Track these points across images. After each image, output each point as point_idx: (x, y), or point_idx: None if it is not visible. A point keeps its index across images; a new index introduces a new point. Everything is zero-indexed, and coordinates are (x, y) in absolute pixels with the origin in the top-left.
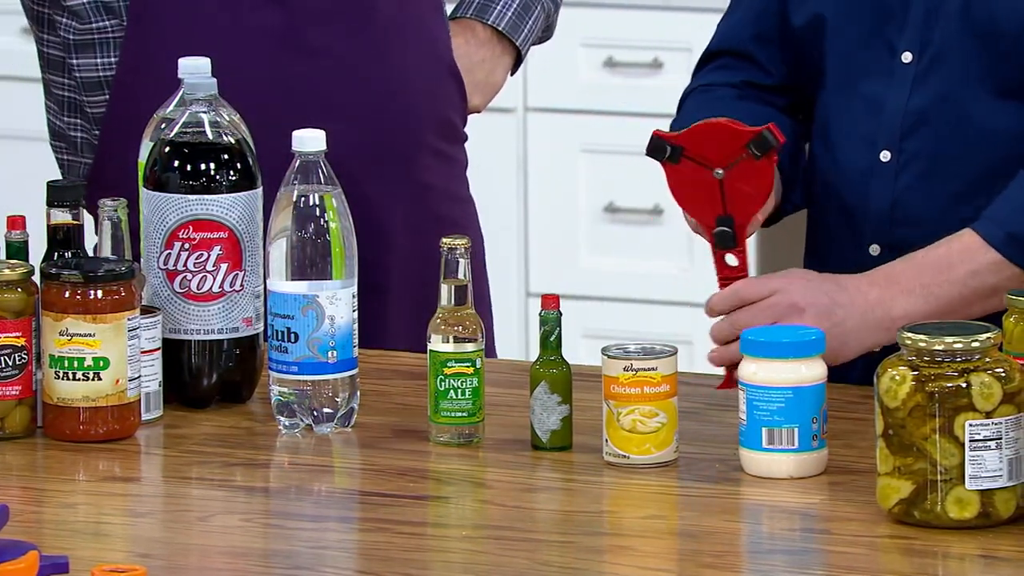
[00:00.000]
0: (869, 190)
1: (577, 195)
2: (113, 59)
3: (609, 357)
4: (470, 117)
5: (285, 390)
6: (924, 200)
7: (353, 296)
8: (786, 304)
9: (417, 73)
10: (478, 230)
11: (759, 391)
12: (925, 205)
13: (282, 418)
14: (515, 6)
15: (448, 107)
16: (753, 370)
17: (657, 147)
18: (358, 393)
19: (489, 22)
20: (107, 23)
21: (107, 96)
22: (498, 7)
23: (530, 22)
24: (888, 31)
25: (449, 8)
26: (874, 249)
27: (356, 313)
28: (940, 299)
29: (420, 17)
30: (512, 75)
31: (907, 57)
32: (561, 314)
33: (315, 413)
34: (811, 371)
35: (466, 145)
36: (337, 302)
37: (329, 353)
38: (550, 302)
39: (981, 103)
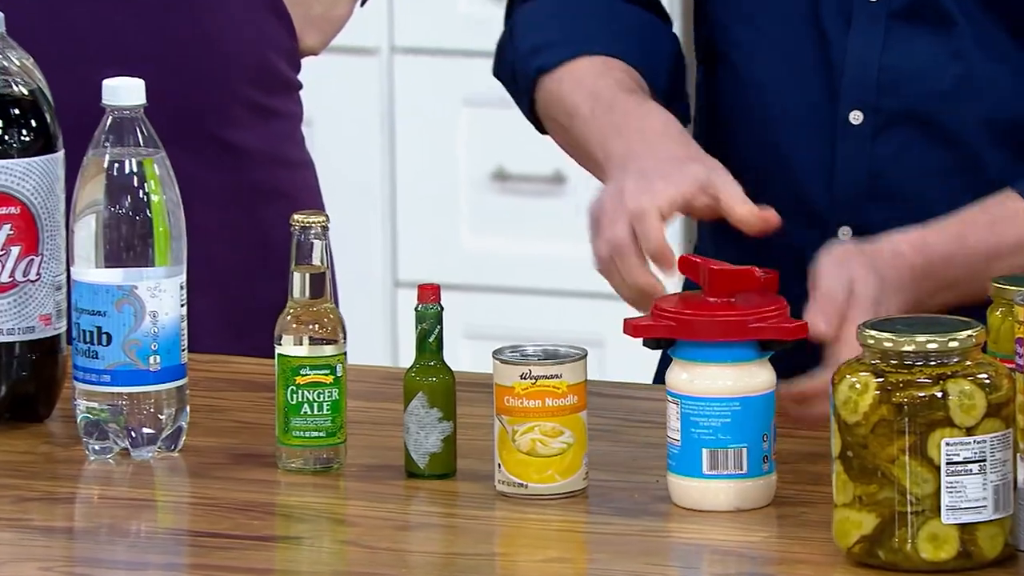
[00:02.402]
0: (835, 157)
1: (457, 158)
2: None
3: (502, 362)
4: (310, 61)
5: (95, 405)
6: (908, 171)
7: (181, 287)
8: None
9: (224, 7)
10: (318, 201)
11: (698, 404)
12: (909, 177)
13: (91, 441)
14: None
15: (267, 48)
16: (686, 377)
17: (658, 344)
18: (187, 409)
19: None
20: None
21: None
22: None
23: None
24: None
25: None
26: (845, 232)
27: (185, 308)
28: (973, 294)
29: None
30: (362, 6)
31: None
32: (442, 309)
33: (133, 434)
34: (759, 376)
35: (302, 95)
36: (161, 294)
37: (151, 359)
38: (428, 294)
39: (983, 53)
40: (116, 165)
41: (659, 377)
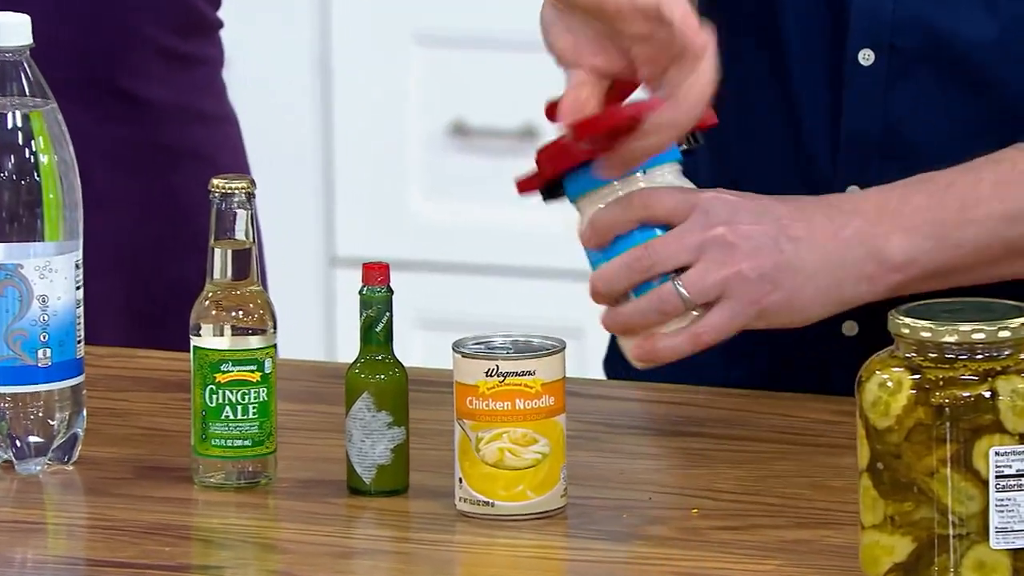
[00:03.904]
0: (843, 103)
1: (407, 109)
2: None
3: (464, 356)
4: None
5: None
6: (929, 124)
7: (77, 266)
8: (711, 234)
9: None
10: (242, 163)
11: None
12: (931, 131)
13: None
14: None
15: None
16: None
17: (551, 193)
18: (84, 413)
19: None
20: None
21: None
22: None
23: None
24: None
25: None
26: (853, 191)
27: (81, 292)
28: (960, 247)
29: None
30: None
31: None
32: (391, 292)
33: (17, 443)
34: None
35: (222, 35)
36: (52, 275)
37: (39, 352)
38: (374, 274)
39: None
40: None
41: (611, 369)
